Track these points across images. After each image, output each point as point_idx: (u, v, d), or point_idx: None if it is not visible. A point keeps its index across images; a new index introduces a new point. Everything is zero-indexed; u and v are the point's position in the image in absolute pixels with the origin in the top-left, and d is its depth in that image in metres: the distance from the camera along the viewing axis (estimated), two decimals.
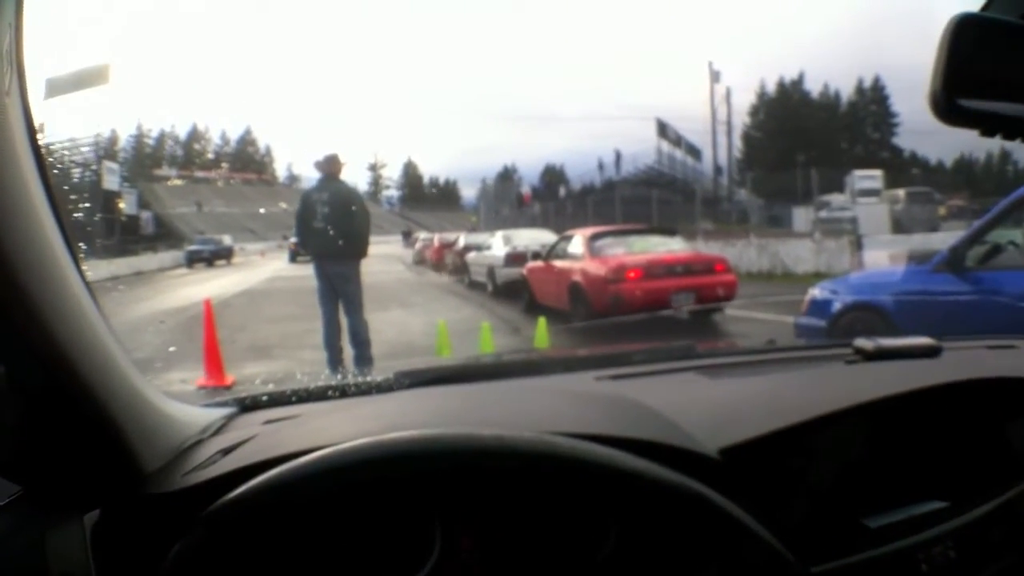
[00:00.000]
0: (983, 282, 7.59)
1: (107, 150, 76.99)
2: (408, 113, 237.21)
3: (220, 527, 1.26)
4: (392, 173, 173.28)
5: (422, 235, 57.65)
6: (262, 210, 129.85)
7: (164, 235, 71.62)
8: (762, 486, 1.70)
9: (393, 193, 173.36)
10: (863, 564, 1.74)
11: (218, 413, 1.85)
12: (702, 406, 1.98)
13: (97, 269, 39.61)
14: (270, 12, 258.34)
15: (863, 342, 2.47)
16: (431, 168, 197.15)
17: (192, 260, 54.28)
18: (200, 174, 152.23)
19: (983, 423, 2.13)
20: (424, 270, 40.26)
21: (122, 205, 63.13)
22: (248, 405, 2.00)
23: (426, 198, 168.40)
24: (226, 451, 1.51)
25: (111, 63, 60.80)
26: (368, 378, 2.32)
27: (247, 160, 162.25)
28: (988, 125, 1.25)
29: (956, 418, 2.09)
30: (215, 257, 55.81)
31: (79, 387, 1.26)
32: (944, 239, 17.39)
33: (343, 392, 2.18)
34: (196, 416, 1.73)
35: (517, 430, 1.44)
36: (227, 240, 64.80)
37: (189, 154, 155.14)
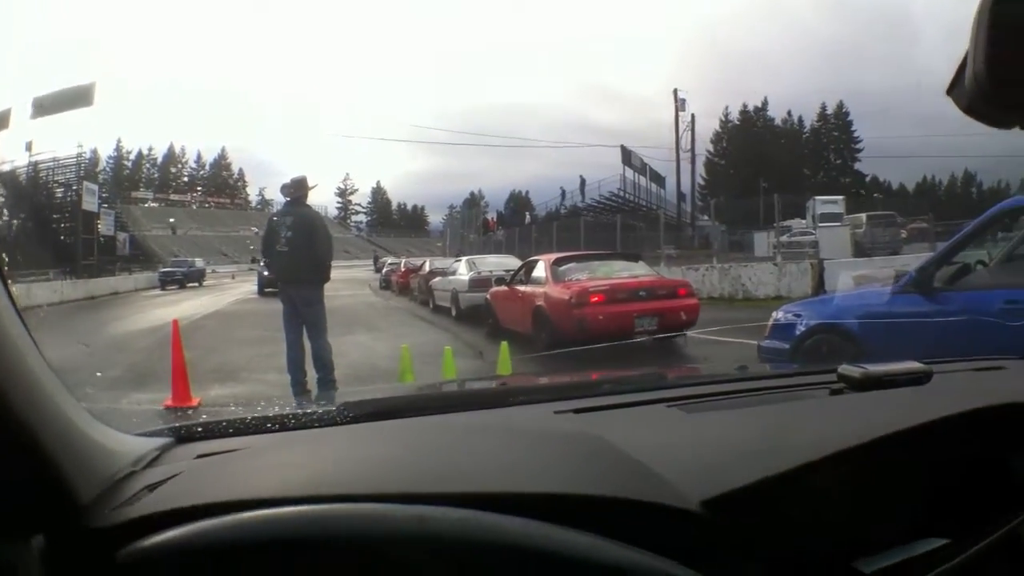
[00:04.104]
0: (951, 302, 7.50)
1: (88, 171, 78.24)
2: (378, 139, 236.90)
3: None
4: (361, 199, 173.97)
5: (389, 260, 58.39)
6: (234, 232, 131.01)
7: (140, 256, 73.83)
8: (748, 539, 1.56)
9: (362, 218, 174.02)
10: None
11: (152, 443, 1.74)
12: (679, 448, 1.83)
13: (75, 289, 42.74)
14: (245, 33, 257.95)
15: (849, 369, 2.28)
16: (399, 194, 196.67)
17: (165, 282, 56.02)
18: (175, 197, 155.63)
19: (980, 451, 2.02)
20: (390, 294, 41.06)
21: (100, 226, 64.02)
22: (183, 436, 1.88)
23: (394, 223, 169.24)
24: (152, 487, 1.43)
25: (96, 83, 61.09)
26: (310, 410, 2.23)
27: (221, 184, 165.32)
28: None
29: (951, 447, 1.97)
30: (187, 279, 57.59)
31: (4, 412, 1.18)
32: (907, 261, 17.42)
33: (282, 425, 2.03)
34: (130, 445, 1.63)
35: (463, 483, 1.39)
36: (199, 262, 66.63)
37: (165, 176, 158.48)
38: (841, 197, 53.95)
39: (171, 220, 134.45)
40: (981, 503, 1.90)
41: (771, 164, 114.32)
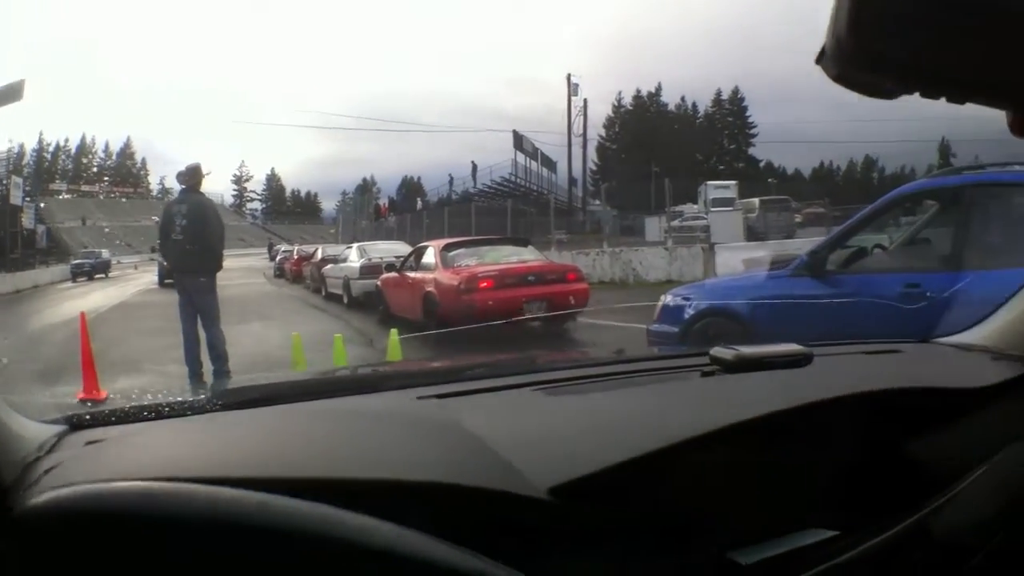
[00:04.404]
0: (845, 286, 7.44)
1: (16, 164, 79.21)
2: (272, 125, 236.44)
3: None
4: (257, 186, 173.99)
5: (282, 248, 59.07)
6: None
7: (54, 249, 75.92)
8: (605, 526, 1.50)
9: (257, 206, 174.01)
10: None
11: (52, 430, 1.74)
12: (535, 433, 1.79)
13: (4, 283, 46.17)
14: (148, 22, 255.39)
15: (721, 351, 2.18)
16: (294, 180, 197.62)
17: (76, 274, 57.71)
18: (86, 188, 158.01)
19: (874, 437, 1.97)
20: (284, 282, 41.73)
21: (23, 219, 64.90)
22: (75, 424, 1.85)
23: (288, 211, 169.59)
24: (48, 471, 1.44)
25: (25, 80, 61.50)
26: (183, 399, 2.19)
27: (126, 173, 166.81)
28: (906, 77, 0.89)
29: (837, 432, 1.91)
30: (95, 271, 58.89)
31: None
32: (800, 245, 17.60)
33: (158, 414, 1.98)
34: (35, 432, 1.65)
35: (304, 469, 1.41)
36: (105, 254, 68.71)
37: (78, 168, 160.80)
38: (734, 182, 54.61)
39: (84, 214, 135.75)
40: (878, 493, 1.87)
41: (664, 149, 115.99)
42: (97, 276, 57.84)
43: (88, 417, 1.92)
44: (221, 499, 1.24)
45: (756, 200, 43.94)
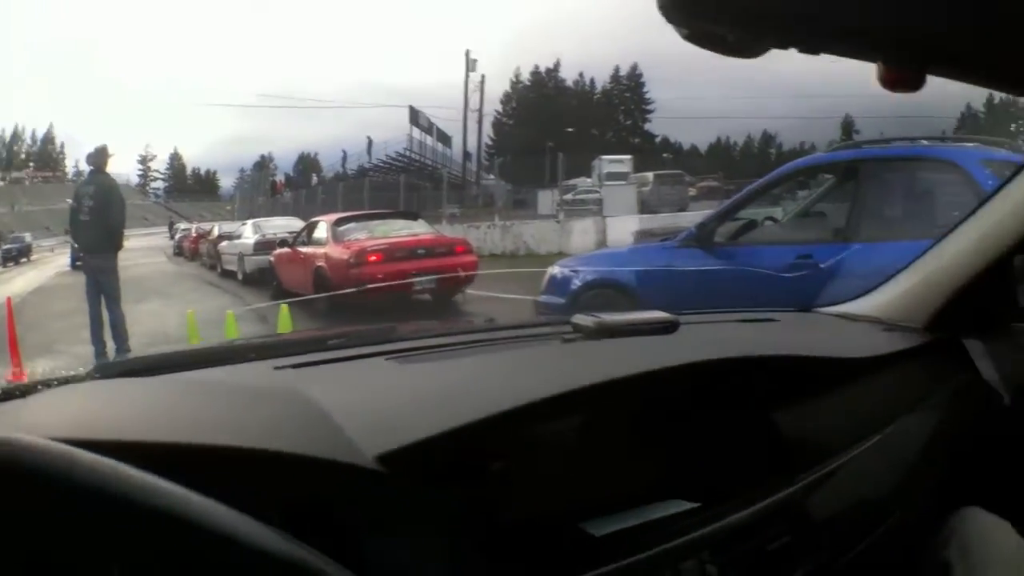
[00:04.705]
0: (733, 257, 7.44)
1: None
2: (173, 104, 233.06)
3: None
4: (160, 165, 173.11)
5: (181, 226, 60.07)
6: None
7: None
8: (444, 501, 1.42)
9: (160, 185, 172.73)
10: None
11: None
12: (377, 400, 1.69)
13: None
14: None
15: (582, 318, 2.14)
16: (195, 159, 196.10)
17: (6, 259, 58.91)
18: (15, 174, 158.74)
19: (743, 405, 1.91)
20: (183, 261, 41.63)
21: None
22: None
23: (189, 189, 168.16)
24: None
25: None
26: (63, 373, 2.06)
27: (47, 158, 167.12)
28: (747, 24, 0.78)
29: (700, 400, 1.84)
30: (20, 255, 60.58)
31: None
32: (692, 218, 17.83)
33: (46, 386, 1.88)
34: None
35: (146, 434, 1.33)
36: (28, 238, 70.13)
37: (10, 156, 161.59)
38: (628, 156, 54.81)
39: (13, 200, 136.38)
40: (745, 466, 1.83)
41: (560, 124, 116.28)
42: (22, 260, 58.74)
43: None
44: (76, 460, 1.08)
45: (650, 174, 44.53)
